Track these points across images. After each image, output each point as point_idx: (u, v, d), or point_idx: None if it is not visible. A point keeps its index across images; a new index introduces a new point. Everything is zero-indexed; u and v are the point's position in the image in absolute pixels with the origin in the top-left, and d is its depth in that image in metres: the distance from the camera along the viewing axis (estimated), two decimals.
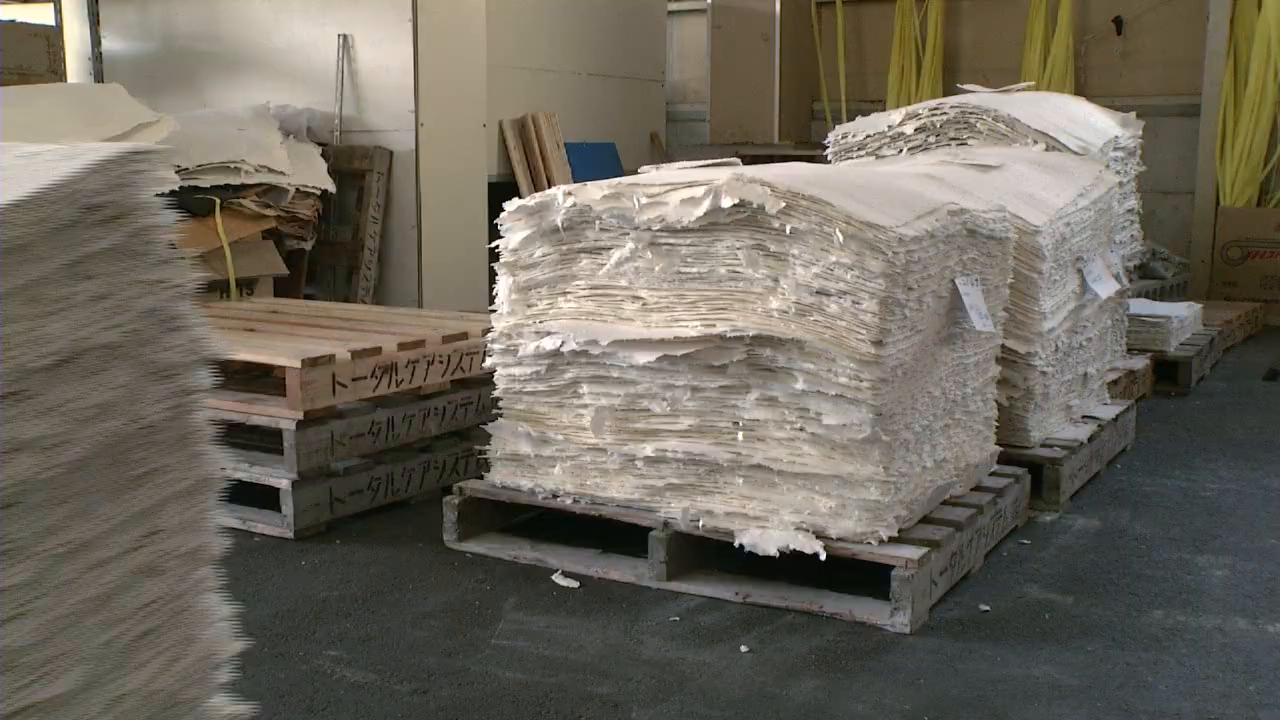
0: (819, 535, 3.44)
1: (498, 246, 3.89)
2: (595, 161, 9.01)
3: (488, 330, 3.97)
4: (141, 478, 1.48)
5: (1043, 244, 4.33)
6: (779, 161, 4.47)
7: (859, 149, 5.75)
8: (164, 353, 1.49)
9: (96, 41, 8.47)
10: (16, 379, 1.32)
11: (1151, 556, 4.03)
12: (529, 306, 3.82)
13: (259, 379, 4.44)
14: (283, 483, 4.06)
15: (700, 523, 3.60)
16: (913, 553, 3.39)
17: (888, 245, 3.27)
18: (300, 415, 4.02)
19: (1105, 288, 4.89)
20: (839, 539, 3.42)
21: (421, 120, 7.10)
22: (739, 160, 4.14)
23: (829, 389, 3.35)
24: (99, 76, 8.44)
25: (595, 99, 9.40)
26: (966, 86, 6.68)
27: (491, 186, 7.71)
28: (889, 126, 5.74)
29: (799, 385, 3.39)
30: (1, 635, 1.29)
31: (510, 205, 3.82)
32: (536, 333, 3.77)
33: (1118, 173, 5.68)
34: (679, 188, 3.51)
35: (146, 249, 1.48)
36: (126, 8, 8.31)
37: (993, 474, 4.15)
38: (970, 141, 5.58)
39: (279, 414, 4.07)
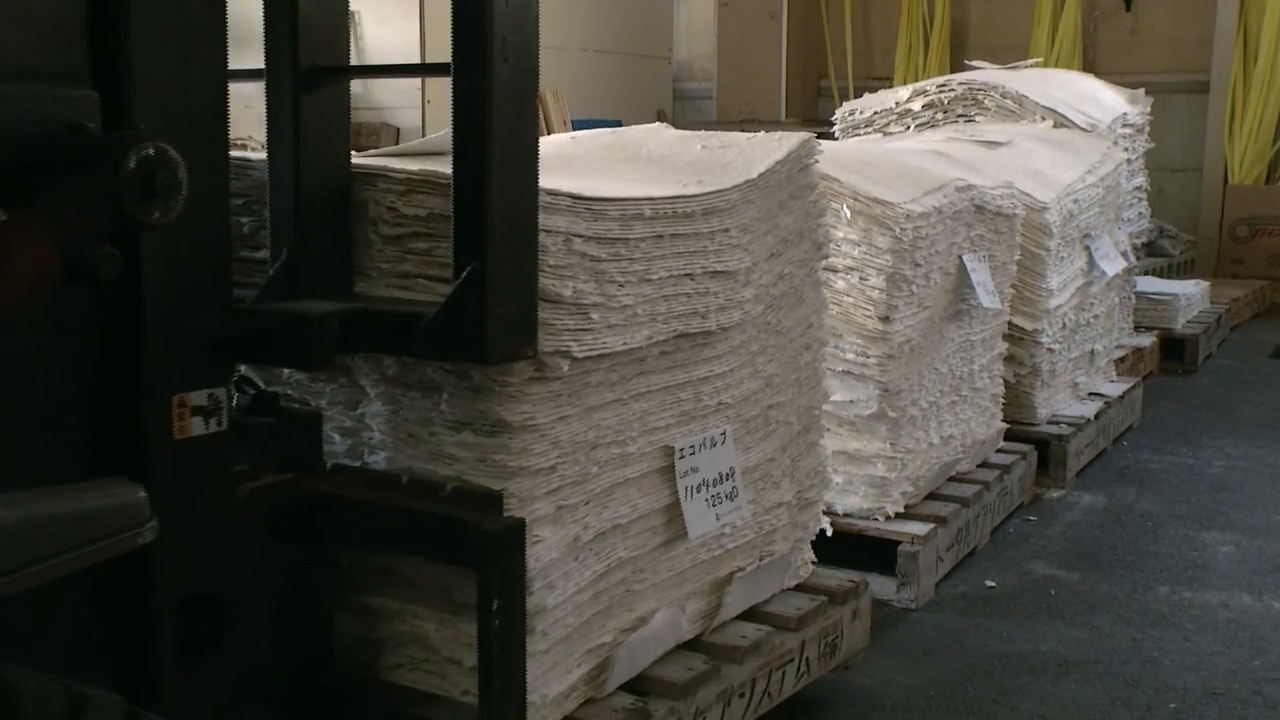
0: (825, 511, 3.43)
1: None
2: None
3: None
4: (803, 296, 2.69)
5: (1050, 221, 4.32)
6: None
7: (866, 126, 5.73)
8: (819, 234, 2.72)
9: None
10: (777, 244, 2.55)
11: (1157, 533, 4.03)
12: None
13: None
14: None
15: None
16: (919, 529, 3.40)
17: (895, 221, 3.27)
18: None
19: (1112, 265, 4.88)
20: (845, 515, 3.42)
21: (428, 98, 7.10)
22: None
23: (836, 365, 3.35)
24: None
25: (602, 76, 9.39)
26: (974, 63, 6.67)
27: None
28: (896, 103, 5.72)
29: None
30: (768, 364, 2.55)
31: None
32: None
33: (1125, 150, 5.66)
34: None
35: (812, 182, 2.69)
36: None
37: (999, 451, 4.15)
38: (978, 118, 5.56)
39: None
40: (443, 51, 1.86)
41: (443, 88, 6.97)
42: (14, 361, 1.53)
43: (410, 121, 7.09)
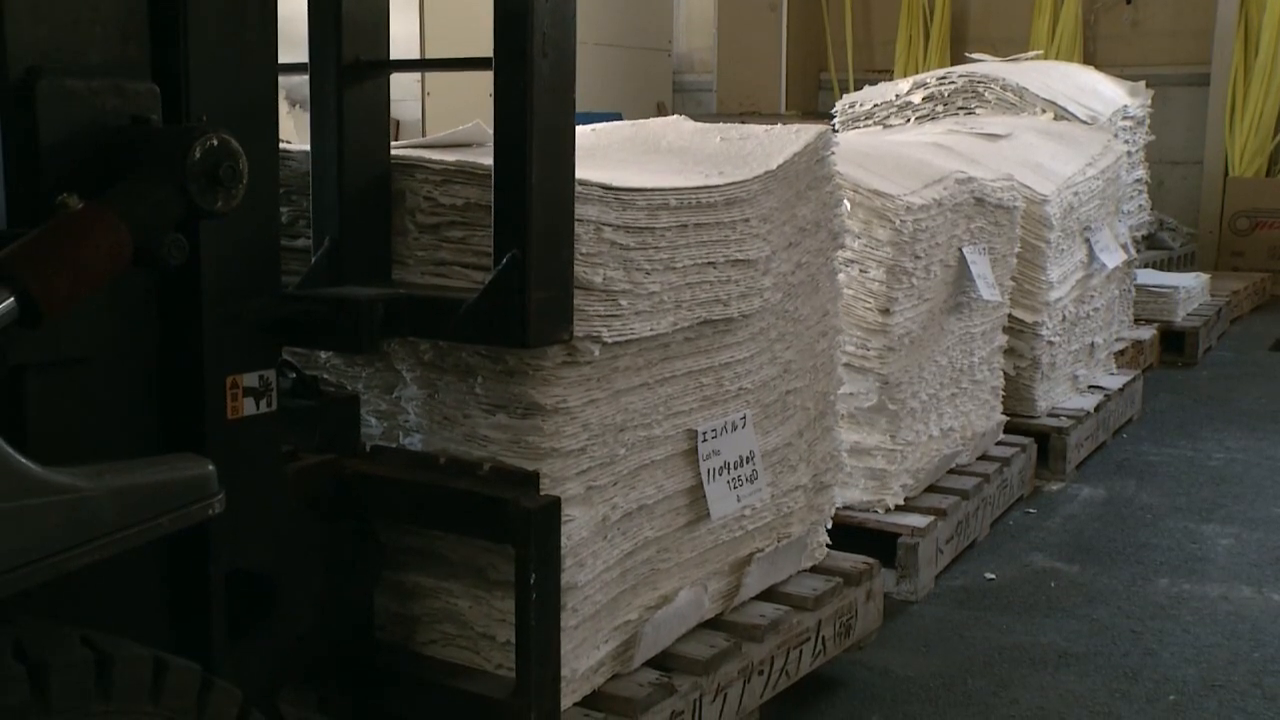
0: None
1: None
2: None
3: None
4: (819, 284, 2.75)
5: (1050, 213, 4.32)
6: None
7: (866, 118, 5.73)
8: (835, 224, 2.78)
9: None
10: (795, 234, 2.61)
11: (1157, 525, 4.04)
12: None
13: None
14: None
15: None
16: (919, 521, 3.41)
17: (895, 213, 3.27)
18: None
19: (1112, 257, 4.88)
20: (845, 507, 3.41)
21: (428, 90, 7.08)
22: None
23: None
24: None
25: (602, 69, 9.37)
26: (974, 55, 6.66)
27: None
28: (896, 96, 5.71)
29: None
30: (786, 350, 2.62)
31: None
32: None
33: (1126, 142, 5.65)
34: None
35: (828, 174, 2.74)
36: None
37: (999, 443, 4.15)
38: (978, 110, 5.56)
39: None
40: (442, 47, 1.88)
41: (443, 82, 6.90)
42: (86, 344, 1.59)
43: (410, 114, 7.08)
